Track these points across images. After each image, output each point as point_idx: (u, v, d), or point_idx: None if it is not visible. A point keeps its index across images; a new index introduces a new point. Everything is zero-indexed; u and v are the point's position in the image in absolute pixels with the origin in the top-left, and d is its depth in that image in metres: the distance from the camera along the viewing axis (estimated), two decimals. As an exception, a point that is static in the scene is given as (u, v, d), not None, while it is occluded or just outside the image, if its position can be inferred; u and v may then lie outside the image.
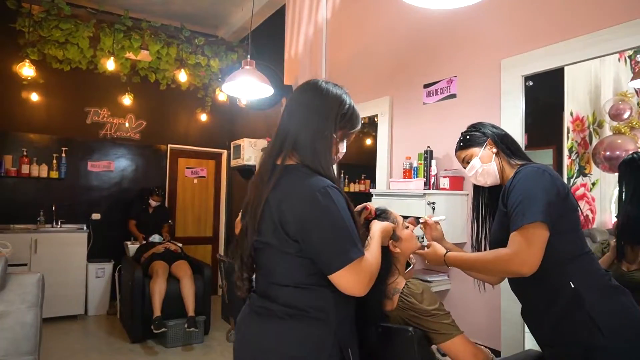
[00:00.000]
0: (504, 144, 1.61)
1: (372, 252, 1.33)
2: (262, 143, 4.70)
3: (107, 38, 4.08)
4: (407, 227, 1.66)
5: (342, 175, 3.91)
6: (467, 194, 2.63)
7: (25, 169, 4.93)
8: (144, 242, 5.00)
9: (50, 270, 4.62)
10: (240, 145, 4.83)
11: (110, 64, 4.16)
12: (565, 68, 2.21)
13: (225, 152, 6.26)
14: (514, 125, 2.33)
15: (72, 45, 4.35)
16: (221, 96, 5.43)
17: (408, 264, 1.75)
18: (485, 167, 1.60)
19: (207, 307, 4.41)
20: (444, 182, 2.65)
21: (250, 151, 4.76)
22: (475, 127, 1.69)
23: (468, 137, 1.68)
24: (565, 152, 2.64)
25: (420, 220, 1.77)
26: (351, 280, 1.18)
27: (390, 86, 3.28)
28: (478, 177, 1.63)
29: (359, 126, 1.42)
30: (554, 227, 1.33)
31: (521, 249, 1.32)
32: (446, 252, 1.62)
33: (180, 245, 5.04)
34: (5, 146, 4.91)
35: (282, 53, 4.46)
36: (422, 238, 1.84)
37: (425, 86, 2.94)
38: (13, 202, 4.94)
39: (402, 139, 3.17)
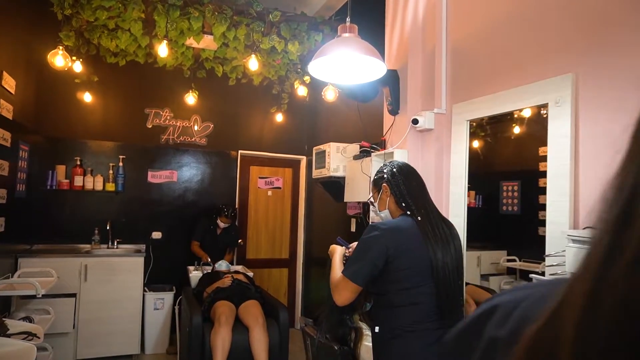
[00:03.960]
0: None
1: None
2: (354, 149, 3.61)
3: (161, 18, 3.23)
4: None
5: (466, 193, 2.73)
6: None
7: (78, 180, 4.25)
8: (208, 265, 4.19)
9: (101, 302, 3.95)
10: (325, 151, 3.77)
11: (162, 50, 3.29)
12: None
13: (304, 158, 5.26)
14: None
15: (123, 31, 3.56)
16: (300, 90, 4.43)
17: None
18: None
19: (284, 363, 3.40)
20: None
21: (338, 159, 3.68)
22: None
23: None
24: None
25: None
26: None
27: (573, 57, 2.03)
28: None
29: None
30: None
31: None
32: None
33: (250, 274, 4.10)
34: (58, 155, 4.27)
35: (381, 29, 3.33)
36: None
37: (658, 51, 1.67)
38: (65, 220, 4.30)
39: (601, 146, 1.90)
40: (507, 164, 2.87)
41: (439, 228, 1.56)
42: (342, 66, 2.10)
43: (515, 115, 2.46)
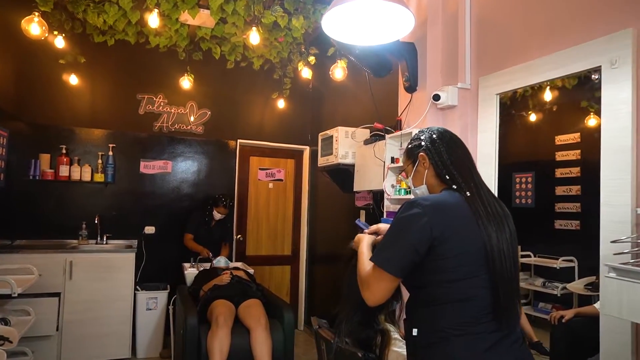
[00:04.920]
0: None
1: None
2: (364, 133, 3.29)
3: (152, -13, 2.93)
4: None
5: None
6: None
7: (64, 170, 3.93)
8: (206, 262, 3.94)
9: (88, 301, 3.66)
10: (332, 136, 3.46)
11: (153, 19, 2.97)
12: None
13: (307, 148, 4.95)
14: None
15: (111, 4, 3.24)
16: (305, 73, 4.10)
17: None
18: None
19: (288, 368, 3.09)
20: None
21: (347, 145, 3.37)
22: None
23: None
24: None
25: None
26: None
27: (632, 9, 1.73)
28: None
29: None
30: None
31: None
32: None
33: (251, 271, 3.79)
34: (41, 142, 3.95)
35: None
36: None
37: None
38: (50, 213, 3.97)
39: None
40: (520, 154, 2.65)
41: (492, 205, 1.24)
42: (362, 22, 1.78)
43: (531, 97, 2.19)
